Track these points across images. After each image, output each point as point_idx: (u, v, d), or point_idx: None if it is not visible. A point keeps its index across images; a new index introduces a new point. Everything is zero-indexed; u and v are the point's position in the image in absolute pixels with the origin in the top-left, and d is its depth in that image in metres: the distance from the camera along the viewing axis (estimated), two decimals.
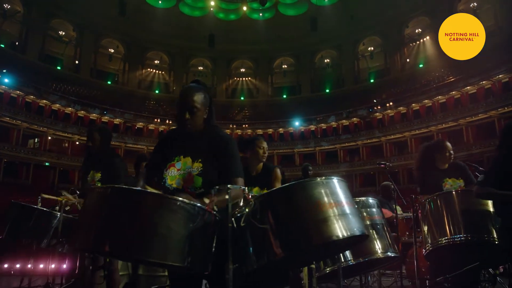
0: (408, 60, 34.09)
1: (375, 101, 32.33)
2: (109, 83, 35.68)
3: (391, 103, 31.03)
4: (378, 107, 31.77)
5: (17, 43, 30.93)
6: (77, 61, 34.41)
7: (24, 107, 27.66)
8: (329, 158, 32.83)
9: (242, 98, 38.88)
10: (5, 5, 29.80)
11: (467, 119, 26.42)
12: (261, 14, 37.01)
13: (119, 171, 3.04)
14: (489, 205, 2.63)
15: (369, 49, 36.28)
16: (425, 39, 32.96)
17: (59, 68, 32.78)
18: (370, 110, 31.86)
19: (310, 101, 35.62)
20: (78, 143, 29.15)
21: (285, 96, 38.44)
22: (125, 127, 32.24)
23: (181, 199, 1.47)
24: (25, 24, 31.08)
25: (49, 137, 28.93)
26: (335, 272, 2.67)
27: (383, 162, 4.51)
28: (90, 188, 1.65)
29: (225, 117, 33.82)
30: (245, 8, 36.77)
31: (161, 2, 35.67)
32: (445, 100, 28.25)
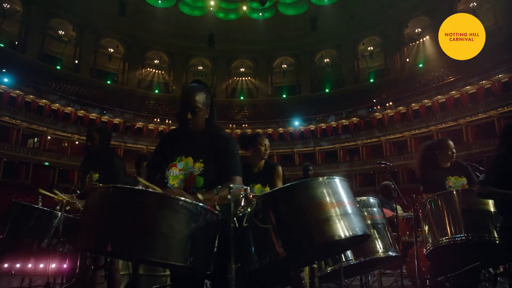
0: (407, 60, 34.09)
1: (374, 101, 32.35)
2: (109, 82, 35.67)
3: (390, 103, 31.05)
4: (377, 107, 31.78)
5: (16, 43, 30.90)
6: (77, 61, 34.39)
7: (23, 106, 27.65)
8: (329, 157, 32.85)
9: (241, 97, 38.88)
10: (4, 5, 29.77)
11: (466, 119, 26.43)
12: (260, 13, 37.01)
13: (118, 172, 3.03)
14: (490, 204, 2.63)
15: (369, 49, 36.29)
16: (424, 39, 32.98)
17: (58, 67, 32.76)
18: (369, 110, 31.88)
19: (309, 101, 35.62)
20: (77, 142, 29.14)
21: (284, 95, 38.43)
22: (124, 127, 32.23)
23: (183, 198, 1.47)
24: (25, 23, 31.05)
25: (49, 137, 28.92)
26: (336, 271, 2.67)
27: (384, 161, 4.52)
28: (92, 187, 1.64)
29: (225, 117, 33.79)
30: (245, 7, 36.77)
31: (160, 1, 35.65)
32: (444, 100, 28.27)
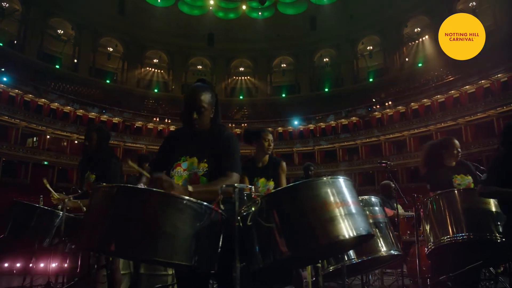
0: (407, 59, 34.08)
1: (374, 100, 32.37)
2: (108, 82, 35.59)
3: (390, 102, 31.07)
4: (377, 106, 31.81)
5: (15, 42, 30.82)
6: (76, 60, 34.31)
7: (22, 106, 27.60)
8: (328, 157, 32.85)
9: (241, 97, 38.85)
10: (3, 4, 29.72)
11: (466, 118, 26.46)
12: (260, 13, 37.00)
13: (114, 174, 3.02)
14: (491, 203, 2.64)
15: (368, 48, 36.29)
16: (424, 38, 32.98)
17: (57, 66, 32.68)
18: (369, 109, 31.89)
19: (309, 100, 35.63)
20: (77, 142, 29.09)
21: (284, 95, 38.41)
22: (124, 126, 32.19)
23: (187, 197, 1.46)
24: (24, 22, 30.97)
25: (48, 136, 28.88)
26: (338, 270, 2.67)
27: (384, 161, 4.51)
28: (95, 187, 1.64)
29: (224, 116, 33.69)
30: (244, 7, 36.75)
31: (160, 1, 35.62)
32: (444, 99, 28.29)
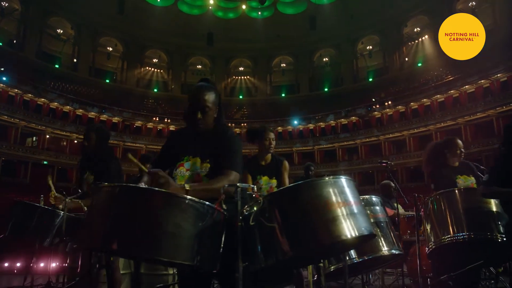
0: (406, 59, 34.10)
1: (373, 100, 32.39)
2: (108, 81, 35.57)
3: (389, 102, 31.09)
4: (376, 106, 31.83)
5: (15, 41, 30.79)
6: (75, 59, 34.29)
7: (22, 105, 27.58)
8: (328, 157, 32.87)
9: (240, 96, 38.84)
10: (2, 3, 29.70)
11: (465, 118, 26.49)
12: (260, 12, 36.98)
13: (113, 174, 3.01)
14: (492, 203, 2.64)
15: (368, 48, 36.29)
16: (423, 38, 32.99)
17: (57, 66, 32.66)
18: (368, 109, 31.91)
19: (308, 100, 35.64)
20: (76, 141, 29.08)
21: (283, 95, 38.40)
22: (123, 126, 32.18)
23: (189, 197, 1.46)
24: (23, 22, 30.94)
25: (47, 136, 28.86)
26: (339, 270, 2.68)
27: (385, 160, 4.52)
28: (97, 187, 1.64)
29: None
30: (244, 6, 36.74)
31: (159, 0, 35.57)
32: (443, 99, 28.32)
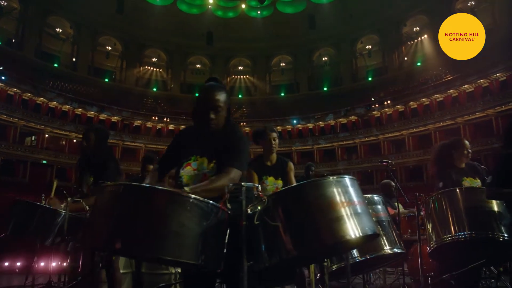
0: (406, 58, 34.14)
1: (373, 99, 32.41)
2: (107, 80, 35.52)
3: (389, 101, 31.11)
4: (376, 105, 31.85)
5: (13, 40, 30.73)
6: (74, 59, 34.25)
7: (21, 104, 27.55)
8: (327, 156, 32.89)
9: (240, 96, 38.81)
10: (1, 2, 29.65)
11: (464, 117, 26.53)
12: (259, 12, 36.96)
13: (113, 175, 3.01)
14: (493, 202, 2.64)
15: (367, 47, 36.30)
16: (423, 37, 33.02)
17: (56, 65, 32.61)
18: (368, 108, 31.92)
19: (308, 99, 35.64)
20: (75, 140, 29.06)
21: (283, 94, 38.40)
22: (122, 125, 32.15)
23: (194, 196, 1.45)
24: (22, 21, 30.90)
25: (46, 135, 28.82)
26: (340, 269, 2.68)
27: (385, 160, 4.52)
28: (100, 186, 1.64)
29: None
30: (243, 5, 36.71)
31: None
32: (442, 98, 28.35)
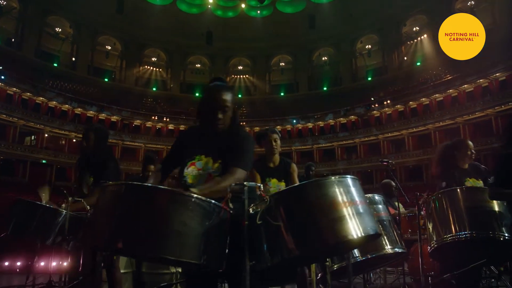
0: (405, 58, 34.16)
1: (372, 99, 32.43)
2: (106, 80, 35.51)
3: (388, 101, 31.13)
4: (375, 105, 31.87)
5: (13, 40, 30.71)
6: (74, 58, 34.23)
7: (20, 104, 27.55)
8: (327, 155, 32.90)
9: (239, 95, 38.73)
10: (1, 2, 29.66)
11: (464, 117, 26.55)
12: (259, 11, 36.96)
13: (113, 176, 3.01)
14: (494, 202, 2.64)
15: (367, 47, 36.32)
16: (422, 37, 33.04)
17: (55, 65, 32.60)
18: (367, 108, 31.94)
19: (307, 99, 35.65)
20: (75, 140, 29.06)
21: (282, 93, 38.41)
22: (122, 125, 32.15)
23: (196, 195, 1.46)
24: (21, 20, 30.88)
25: (46, 135, 28.81)
26: (341, 269, 2.68)
27: (386, 159, 4.52)
28: (102, 185, 1.63)
29: None
30: (243, 5, 36.70)
31: None
32: (442, 98, 28.37)
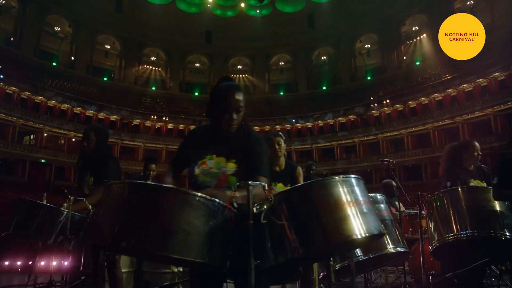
0: (404, 57, 34.18)
1: (371, 98, 32.45)
2: (105, 79, 35.46)
3: (387, 101, 31.15)
4: (374, 105, 31.89)
5: (12, 39, 30.65)
6: (73, 57, 34.17)
7: (19, 103, 27.50)
8: (326, 155, 32.93)
9: None
10: (0, 1, 29.50)
11: (463, 116, 26.58)
12: (258, 11, 36.93)
13: (113, 176, 3.00)
14: (496, 202, 2.65)
15: (366, 46, 36.32)
16: (422, 37, 33.06)
17: (54, 64, 32.55)
18: (366, 107, 31.97)
19: (307, 98, 35.66)
20: (74, 139, 29.02)
21: (282, 93, 38.42)
22: (121, 124, 32.12)
23: (200, 194, 1.45)
24: (20, 19, 30.81)
25: (45, 134, 28.76)
26: (343, 268, 2.68)
27: (386, 159, 4.53)
28: (107, 184, 1.63)
29: None
30: (242, 4, 36.67)
31: None
32: (441, 97, 28.41)
